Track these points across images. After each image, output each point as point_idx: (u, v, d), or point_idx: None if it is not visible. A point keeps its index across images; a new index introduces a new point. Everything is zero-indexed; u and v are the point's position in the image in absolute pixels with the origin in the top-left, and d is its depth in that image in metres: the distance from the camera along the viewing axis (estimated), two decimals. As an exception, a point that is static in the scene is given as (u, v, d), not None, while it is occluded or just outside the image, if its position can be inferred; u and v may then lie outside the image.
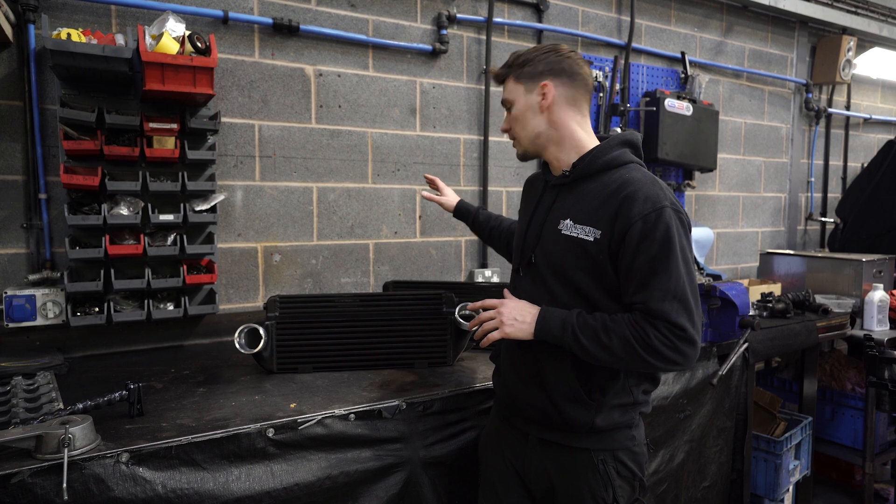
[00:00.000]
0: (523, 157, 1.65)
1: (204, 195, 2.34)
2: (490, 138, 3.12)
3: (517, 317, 1.52)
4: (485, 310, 1.60)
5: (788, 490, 2.97)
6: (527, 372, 1.60)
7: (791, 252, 3.98)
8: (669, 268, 1.39)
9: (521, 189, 1.83)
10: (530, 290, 1.59)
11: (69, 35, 2.00)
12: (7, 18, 2.01)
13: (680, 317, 1.38)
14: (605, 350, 1.42)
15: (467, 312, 2.09)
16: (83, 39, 2.02)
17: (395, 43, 2.82)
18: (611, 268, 1.46)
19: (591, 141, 1.58)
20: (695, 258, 3.77)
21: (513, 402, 1.67)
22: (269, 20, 2.51)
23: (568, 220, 1.51)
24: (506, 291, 1.63)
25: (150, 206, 2.23)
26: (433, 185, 2.17)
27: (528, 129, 1.59)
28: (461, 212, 2.13)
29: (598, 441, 1.54)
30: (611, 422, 1.53)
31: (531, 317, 1.51)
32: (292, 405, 1.71)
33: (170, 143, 2.23)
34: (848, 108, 4.88)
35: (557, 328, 1.47)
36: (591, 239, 1.46)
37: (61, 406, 1.60)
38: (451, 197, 2.15)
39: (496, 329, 1.53)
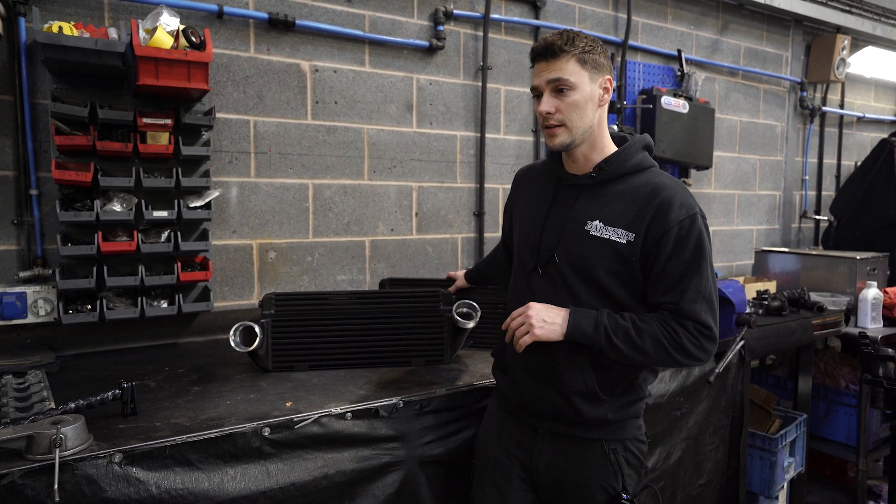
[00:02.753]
0: (566, 147, 1.54)
1: (198, 191, 2.32)
2: (487, 135, 3.10)
3: (546, 318, 1.51)
4: (513, 319, 1.58)
5: (783, 487, 2.98)
6: (541, 371, 1.60)
7: (786, 250, 3.98)
8: (700, 271, 1.48)
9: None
10: (549, 291, 1.58)
11: (61, 28, 1.97)
12: (-3, 11, 1.98)
13: (708, 317, 1.48)
14: (637, 350, 1.48)
15: (465, 310, 2.08)
16: (75, 33, 2.00)
17: (392, 39, 2.80)
18: (639, 269, 1.51)
19: (610, 142, 1.60)
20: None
21: (522, 400, 1.66)
22: (265, 15, 2.49)
23: (597, 222, 1.53)
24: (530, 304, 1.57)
25: (143, 202, 2.20)
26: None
27: (585, 119, 1.51)
28: (471, 278, 2.29)
29: (610, 432, 1.59)
30: (622, 414, 1.58)
31: (561, 318, 1.51)
32: (288, 404, 1.69)
33: (164, 138, 2.21)
34: (842, 106, 4.89)
35: (590, 328, 1.49)
36: (624, 241, 1.49)
37: (53, 405, 1.58)
38: (460, 275, 2.33)
39: (527, 333, 1.51)
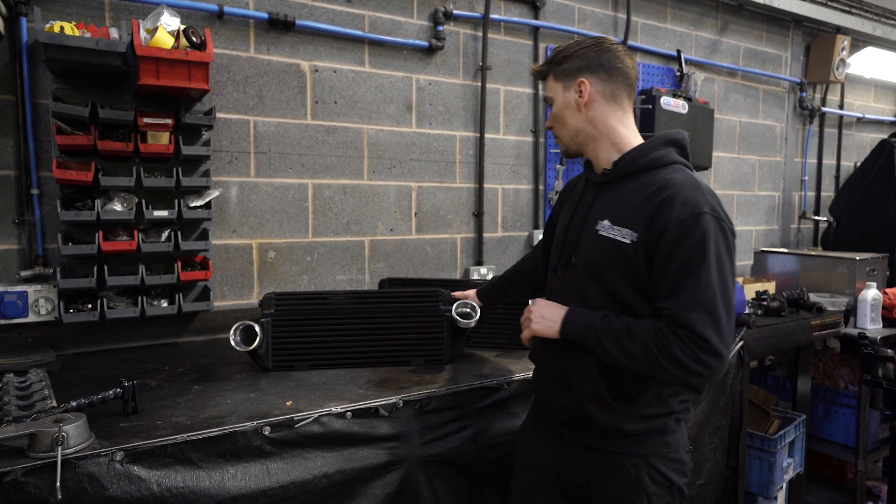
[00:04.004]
0: (566, 154, 1.65)
1: (198, 191, 2.32)
2: (486, 135, 3.11)
3: (545, 315, 1.55)
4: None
5: (782, 488, 2.98)
6: (556, 373, 1.59)
7: (785, 250, 3.99)
8: (700, 276, 1.36)
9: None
10: (564, 290, 1.58)
11: (62, 28, 1.98)
12: (-1, 11, 1.98)
13: (706, 328, 1.34)
14: (628, 355, 1.41)
15: (464, 310, 2.09)
16: (76, 33, 2.00)
17: (392, 39, 2.80)
18: (646, 271, 1.43)
19: (632, 138, 1.55)
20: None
21: (545, 403, 1.66)
22: (265, 15, 2.49)
23: (606, 221, 1.49)
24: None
25: (144, 202, 2.20)
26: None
27: (567, 127, 1.58)
28: (483, 295, 2.11)
29: (628, 446, 1.51)
30: (641, 427, 1.49)
31: (559, 316, 1.53)
32: (288, 403, 1.70)
33: (164, 138, 2.21)
34: (841, 107, 4.90)
35: (582, 329, 1.48)
36: (629, 241, 1.43)
37: (54, 404, 1.58)
38: (470, 293, 2.14)
39: (527, 328, 1.57)
